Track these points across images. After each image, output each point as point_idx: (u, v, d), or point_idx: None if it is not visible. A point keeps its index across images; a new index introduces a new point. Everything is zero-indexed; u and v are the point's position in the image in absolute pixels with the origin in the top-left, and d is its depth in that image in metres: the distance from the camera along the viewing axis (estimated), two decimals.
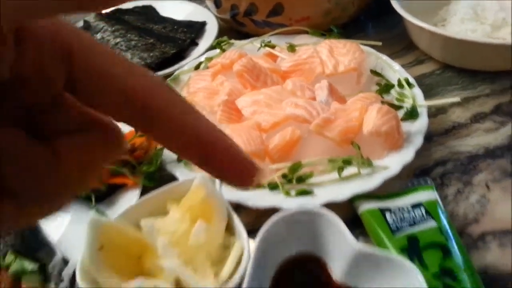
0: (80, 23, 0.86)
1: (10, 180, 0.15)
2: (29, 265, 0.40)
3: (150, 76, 0.16)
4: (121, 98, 0.15)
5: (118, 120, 0.16)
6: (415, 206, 0.47)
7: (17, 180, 0.15)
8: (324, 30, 0.74)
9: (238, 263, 0.40)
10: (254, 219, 0.50)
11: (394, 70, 0.66)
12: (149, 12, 0.87)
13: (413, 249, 0.41)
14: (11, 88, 0.15)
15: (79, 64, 0.15)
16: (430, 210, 0.46)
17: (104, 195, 0.51)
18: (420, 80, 0.68)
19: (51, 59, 0.15)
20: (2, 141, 0.15)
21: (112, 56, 0.16)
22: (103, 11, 0.87)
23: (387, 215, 0.46)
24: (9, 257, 0.44)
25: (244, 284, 0.38)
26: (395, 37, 0.80)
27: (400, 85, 0.64)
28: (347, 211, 0.50)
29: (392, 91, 0.64)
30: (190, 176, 0.52)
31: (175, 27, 0.82)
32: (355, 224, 0.48)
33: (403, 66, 0.68)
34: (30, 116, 0.16)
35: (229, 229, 0.43)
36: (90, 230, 0.39)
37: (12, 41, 0.14)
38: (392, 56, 0.71)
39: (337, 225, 0.40)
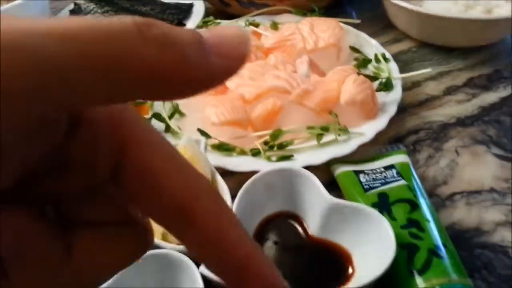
0: (71, 6, 0.87)
1: (9, 271, 0.12)
2: None
3: (201, 180, 0.14)
4: (164, 205, 0.14)
5: (151, 218, 0.15)
6: (388, 167, 0.49)
7: (16, 274, 0.13)
8: (306, 10, 0.76)
9: None
10: (237, 185, 0.53)
11: (372, 46, 0.69)
12: None
13: (383, 204, 0.44)
14: (49, 169, 0.13)
15: (130, 162, 0.13)
16: (401, 171, 0.49)
17: None
18: (397, 56, 0.71)
19: (103, 149, 0.13)
20: (12, 224, 0.12)
21: (166, 157, 0.14)
22: None
23: (361, 176, 0.49)
24: None
25: None
26: (374, 18, 0.82)
27: (377, 60, 0.66)
28: (325, 174, 0.52)
29: (370, 66, 0.66)
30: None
31: (163, 9, 0.84)
32: (332, 187, 0.51)
33: (381, 44, 0.70)
34: (55, 200, 0.14)
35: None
36: None
37: (64, 123, 0.12)
38: (371, 35, 0.73)
39: (312, 182, 0.43)
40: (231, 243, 0.14)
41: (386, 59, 0.66)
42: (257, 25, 0.73)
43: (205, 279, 0.37)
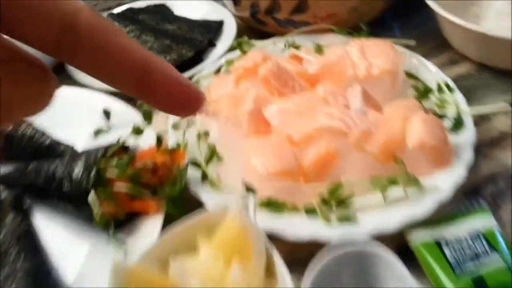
0: None
1: None
2: None
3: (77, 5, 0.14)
4: (43, 24, 0.13)
5: (39, 49, 0.14)
6: (475, 237, 0.39)
7: None
8: (350, 28, 0.65)
9: None
10: (290, 249, 0.42)
11: (430, 72, 0.58)
12: (163, 11, 0.79)
13: None
14: None
15: None
16: (492, 241, 0.38)
17: (123, 222, 0.43)
18: (456, 82, 0.59)
19: None
20: None
21: None
22: (115, 11, 0.78)
23: (445, 248, 0.38)
24: None
25: None
26: (425, 36, 0.70)
27: (439, 89, 0.55)
28: (395, 239, 0.42)
29: (431, 96, 0.56)
30: (217, 199, 0.45)
31: (191, 27, 0.73)
32: (404, 255, 0.40)
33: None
34: None
35: (269, 270, 0.35)
36: (113, 276, 0.32)
37: None
38: (423, 56, 0.62)
39: (395, 266, 0.33)
40: (122, 49, 0.14)
41: (450, 89, 0.55)
42: (298, 47, 0.63)
43: None
